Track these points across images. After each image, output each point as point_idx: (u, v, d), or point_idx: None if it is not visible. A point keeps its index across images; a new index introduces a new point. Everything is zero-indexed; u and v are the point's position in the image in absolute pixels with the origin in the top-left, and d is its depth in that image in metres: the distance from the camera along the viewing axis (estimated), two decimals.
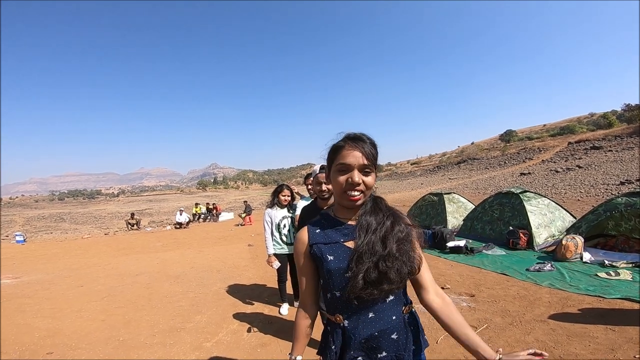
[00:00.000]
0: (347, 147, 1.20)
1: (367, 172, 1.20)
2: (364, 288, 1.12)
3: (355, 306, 1.18)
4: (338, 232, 1.26)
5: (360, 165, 1.17)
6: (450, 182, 29.48)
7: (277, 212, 4.16)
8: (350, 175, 1.17)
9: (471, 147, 58.71)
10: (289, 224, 4.15)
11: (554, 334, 3.21)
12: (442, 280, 5.03)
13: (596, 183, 15.00)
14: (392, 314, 1.21)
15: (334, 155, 1.23)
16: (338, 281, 1.19)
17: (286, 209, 4.21)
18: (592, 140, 29.62)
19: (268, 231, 4.12)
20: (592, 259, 5.39)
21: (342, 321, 1.21)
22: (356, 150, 1.18)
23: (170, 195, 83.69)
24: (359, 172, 1.18)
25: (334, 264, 1.20)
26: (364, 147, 1.18)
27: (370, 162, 1.19)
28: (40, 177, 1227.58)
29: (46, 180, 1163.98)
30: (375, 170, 1.23)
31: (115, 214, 39.95)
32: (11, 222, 35.62)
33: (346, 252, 1.20)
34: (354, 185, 1.17)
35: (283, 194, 4.17)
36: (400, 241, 1.19)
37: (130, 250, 10.58)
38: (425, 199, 10.36)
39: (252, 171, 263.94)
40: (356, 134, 1.23)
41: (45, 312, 4.75)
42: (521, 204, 6.97)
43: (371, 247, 1.15)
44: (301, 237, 1.31)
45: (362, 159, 1.17)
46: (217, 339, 3.62)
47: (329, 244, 1.24)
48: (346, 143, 1.21)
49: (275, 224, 4.12)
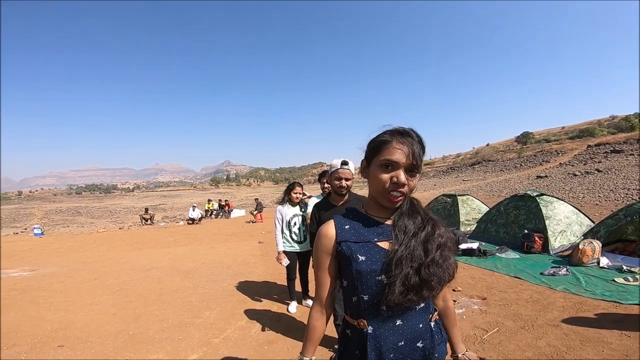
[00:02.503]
0: (395, 142, 1.09)
1: (413, 173, 1.10)
2: (402, 294, 1.04)
3: (384, 312, 1.09)
4: (370, 230, 1.16)
5: (408, 164, 1.07)
6: (464, 183, 29.09)
7: (289, 209, 4.14)
8: (396, 174, 1.07)
9: (486, 148, 57.87)
10: (299, 222, 4.13)
11: (566, 339, 3.11)
12: (453, 283, 4.92)
13: (616, 187, 14.59)
14: (419, 322, 1.13)
15: (378, 149, 1.11)
16: (368, 284, 1.10)
17: (298, 207, 4.20)
18: (613, 144, 28.80)
19: (278, 228, 4.11)
20: (610, 264, 5.23)
21: (367, 327, 1.12)
22: (405, 147, 1.07)
23: (184, 191, 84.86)
24: (405, 171, 1.08)
25: (365, 265, 1.10)
26: (413, 145, 1.08)
27: (418, 162, 1.09)
28: (59, 171, 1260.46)
29: (65, 174, 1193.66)
30: (420, 172, 1.13)
31: (130, 209, 40.71)
32: (30, 214, 36.66)
33: (380, 253, 1.11)
34: (398, 185, 1.07)
35: (295, 191, 4.15)
36: (441, 247, 1.11)
37: (144, 245, 10.74)
38: (439, 200, 10.24)
39: (264, 169, 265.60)
40: (405, 129, 1.12)
41: (59, 305, 4.84)
42: (537, 207, 6.81)
43: (411, 251, 1.07)
44: (327, 232, 1.19)
45: (410, 157, 1.07)
46: (225, 335, 3.63)
47: (361, 242, 1.14)
48: (394, 138, 1.10)
49: (285, 221, 4.10)
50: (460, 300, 4.27)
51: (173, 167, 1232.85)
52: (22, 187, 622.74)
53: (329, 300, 1.24)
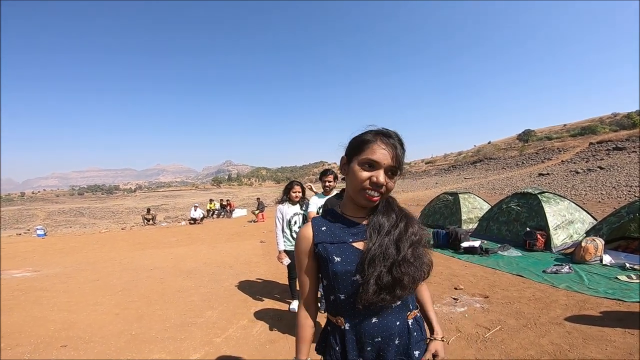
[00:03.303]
0: (378, 142, 1.10)
1: (392, 174, 1.12)
2: (376, 293, 1.06)
3: (359, 310, 1.12)
4: (346, 231, 1.18)
5: (389, 165, 1.09)
6: (466, 181, 29.03)
7: (289, 208, 4.14)
8: (376, 174, 1.08)
9: (488, 146, 57.69)
10: (300, 221, 4.12)
11: (569, 337, 3.11)
12: (455, 281, 4.94)
13: (618, 185, 14.52)
14: (396, 320, 1.15)
15: (360, 148, 1.12)
16: (344, 284, 1.13)
17: (298, 205, 4.19)
18: (615, 141, 28.66)
19: (279, 227, 4.12)
20: (613, 261, 5.21)
21: (344, 324, 1.16)
22: (388, 148, 1.09)
23: (186, 191, 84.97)
24: (385, 172, 1.09)
25: (340, 266, 1.12)
26: (395, 147, 1.10)
27: (398, 164, 1.11)
28: (62, 172, 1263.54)
29: (67, 175, 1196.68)
30: (400, 174, 1.15)
31: (132, 209, 40.80)
32: (33, 215, 36.78)
33: (354, 253, 1.13)
34: (377, 185, 1.08)
35: (294, 190, 4.14)
36: (414, 245, 1.13)
37: (146, 245, 10.77)
38: (440, 198, 10.22)
39: (265, 168, 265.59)
40: (389, 131, 1.14)
41: (62, 305, 4.86)
42: (539, 205, 6.79)
43: (384, 250, 1.09)
44: (305, 234, 1.22)
45: (392, 159, 1.09)
46: (226, 335, 3.64)
47: (336, 243, 1.16)
48: (377, 138, 1.11)
49: (286, 220, 4.11)
50: (462, 298, 4.27)
51: (175, 167, 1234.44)
52: (25, 188, 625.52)
53: (312, 299, 1.28)
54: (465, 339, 3.21)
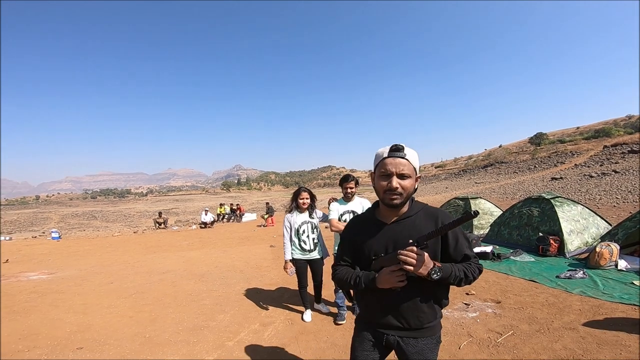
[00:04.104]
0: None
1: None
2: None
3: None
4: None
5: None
6: (477, 186, 28.75)
7: (297, 217, 4.01)
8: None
9: (499, 150, 57.05)
10: (308, 230, 4.00)
11: (583, 342, 3.07)
12: (466, 286, 4.91)
13: (634, 189, 14.24)
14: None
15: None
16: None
17: (307, 213, 4.06)
18: (630, 144, 28.08)
19: (287, 237, 4.01)
20: (629, 266, 5.13)
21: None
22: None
23: (196, 195, 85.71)
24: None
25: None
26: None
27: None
28: (75, 176, 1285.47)
29: (80, 179, 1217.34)
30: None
31: (143, 213, 41.31)
32: (47, 218, 37.48)
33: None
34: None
35: (301, 197, 3.99)
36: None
37: (158, 249, 10.90)
38: (451, 203, 10.16)
39: (274, 173, 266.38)
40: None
41: (77, 308, 4.96)
42: (552, 210, 6.71)
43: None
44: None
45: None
46: (238, 339, 3.67)
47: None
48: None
49: (294, 229, 4.00)
50: (474, 304, 4.24)
51: (185, 171, 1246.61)
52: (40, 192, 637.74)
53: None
54: (477, 344, 3.20)
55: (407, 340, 1.50)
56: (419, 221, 1.49)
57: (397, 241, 1.46)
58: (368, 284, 1.47)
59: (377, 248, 1.52)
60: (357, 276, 1.52)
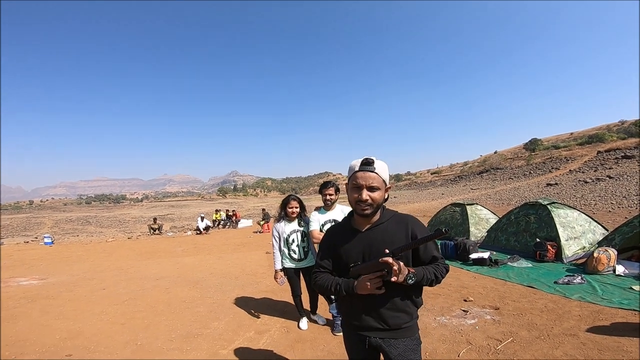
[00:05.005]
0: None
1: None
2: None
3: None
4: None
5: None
6: (472, 192, 28.84)
7: (286, 226, 3.87)
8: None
9: (494, 156, 57.37)
10: (298, 239, 3.84)
11: (584, 348, 3.03)
12: (464, 293, 4.86)
13: (629, 194, 14.32)
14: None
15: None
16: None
17: (296, 222, 3.90)
18: (624, 149, 28.37)
19: (276, 246, 3.90)
20: (627, 271, 5.10)
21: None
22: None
23: (192, 201, 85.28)
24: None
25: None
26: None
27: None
28: (70, 181, 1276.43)
29: (75, 184, 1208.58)
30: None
31: (138, 219, 40.98)
32: (41, 223, 37.08)
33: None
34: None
35: (290, 205, 3.84)
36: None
37: (152, 255, 10.77)
38: (447, 209, 10.14)
39: (270, 179, 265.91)
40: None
41: (68, 314, 4.85)
42: (549, 215, 6.70)
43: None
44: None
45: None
46: (233, 347, 3.59)
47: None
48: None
49: (283, 239, 3.86)
50: (472, 310, 4.18)
51: (181, 177, 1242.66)
52: (34, 197, 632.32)
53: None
54: (476, 351, 3.14)
55: (389, 341, 1.58)
56: (391, 227, 1.60)
57: (372, 246, 1.58)
58: (348, 290, 1.56)
59: (353, 254, 1.62)
60: (337, 283, 1.61)
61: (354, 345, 1.70)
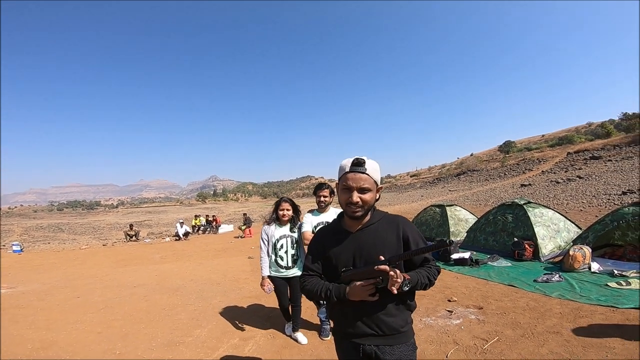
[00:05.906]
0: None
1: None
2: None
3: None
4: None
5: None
6: (451, 194, 29.38)
7: (276, 230, 3.62)
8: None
9: (470, 158, 58.78)
10: (287, 245, 3.59)
11: (568, 345, 3.09)
12: (448, 293, 4.90)
13: (598, 193, 14.91)
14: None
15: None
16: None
17: (287, 226, 3.65)
18: (591, 150, 29.56)
19: (264, 250, 3.62)
20: (601, 268, 5.28)
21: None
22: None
23: (170, 207, 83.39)
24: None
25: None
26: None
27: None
28: (40, 188, 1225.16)
29: (46, 191, 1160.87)
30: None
31: (114, 225, 39.73)
32: (9, 231, 35.34)
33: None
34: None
35: (281, 208, 3.60)
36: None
37: (129, 262, 10.42)
38: (427, 211, 10.27)
39: (251, 183, 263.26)
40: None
41: (40, 324, 4.62)
42: (525, 215, 6.88)
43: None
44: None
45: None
46: (217, 354, 3.49)
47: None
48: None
49: (271, 243, 3.60)
50: (456, 310, 4.22)
51: (158, 182, 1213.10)
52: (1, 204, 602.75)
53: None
54: (463, 352, 3.16)
55: (384, 348, 1.51)
56: (382, 228, 1.56)
57: (362, 249, 1.54)
58: (339, 296, 1.50)
59: (344, 257, 1.57)
60: (328, 289, 1.54)
61: (347, 353, 1.60)
